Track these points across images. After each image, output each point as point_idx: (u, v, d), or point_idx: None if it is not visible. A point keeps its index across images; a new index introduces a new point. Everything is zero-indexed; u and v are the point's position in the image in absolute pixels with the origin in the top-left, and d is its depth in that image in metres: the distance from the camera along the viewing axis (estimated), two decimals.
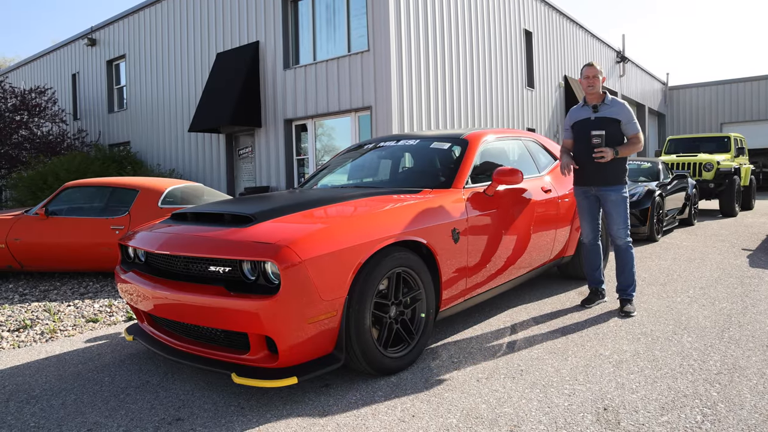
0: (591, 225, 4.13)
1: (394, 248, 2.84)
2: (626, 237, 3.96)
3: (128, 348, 3.51)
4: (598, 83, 3.93)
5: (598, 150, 3.79)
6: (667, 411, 2.39)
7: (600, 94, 3.98)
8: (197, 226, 2.94)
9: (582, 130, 4.00)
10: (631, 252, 3.98)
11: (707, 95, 25.62)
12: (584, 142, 3.96)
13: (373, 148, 4.60)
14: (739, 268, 5.49)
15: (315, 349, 2.56)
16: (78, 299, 4.98)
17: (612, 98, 3.98)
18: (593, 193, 4.03)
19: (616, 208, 3.93)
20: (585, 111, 4.03)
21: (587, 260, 4.22)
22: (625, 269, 3.99)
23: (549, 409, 2.44)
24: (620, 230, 3.96)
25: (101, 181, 6.18)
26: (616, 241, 3.98)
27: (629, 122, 3.91)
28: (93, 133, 17.26)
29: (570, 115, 4.16)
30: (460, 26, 11.74)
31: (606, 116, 3.91)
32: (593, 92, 3.95)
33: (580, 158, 4.03)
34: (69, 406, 2.63)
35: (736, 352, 3.09)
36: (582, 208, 4.14)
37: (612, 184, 3.93)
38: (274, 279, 2.49)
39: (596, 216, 4.11)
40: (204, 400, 2.64)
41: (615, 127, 3.89)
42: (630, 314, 3.88)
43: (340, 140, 11.38)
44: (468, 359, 3.09)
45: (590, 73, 3.95)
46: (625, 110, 3.93)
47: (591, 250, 4.19)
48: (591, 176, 3.98)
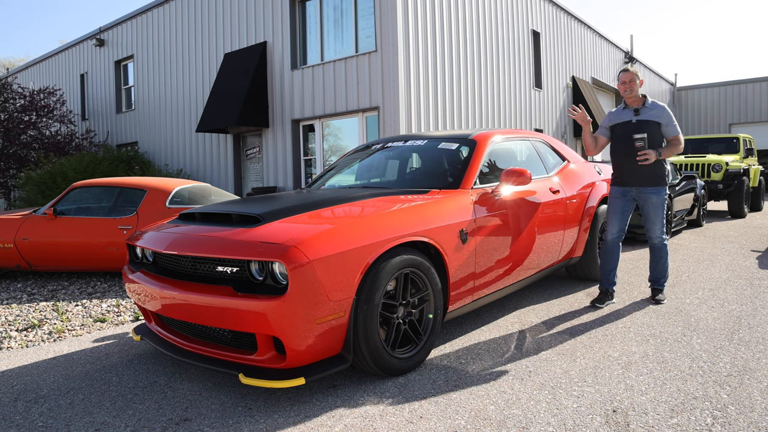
0: (620, 224, 4.17)
1: (402, 249, 2.83)
2: (663, 236, 4.13)
3: (136, 348, 3.52)
4: (636, 87, 4.03)
5: (642, 153, 3.88)
6: (677, 413, 2.37)
7: (640, 97, 4.08)
8: (205, 226, 2.94)
9: (623, 133, 4.10)
10: (666, 249, 4.19)
11: (716, 96, 25.45)
12: (626, 145, 4.05)
13: (380, 148, 4.59)
14: (749, 270, 5.44)
15: (323, 349, 2.56)
16: (86, 299, 5.01)
17: (653, 101, 4.08)
18: (632, 195, 4.12)
19: (656, 209, 4.06)
20: (626, 114, 4.12)
21: (605, 260, 4.23)
22: (659, 263, 4.19)
23: (557, 410, 2.42)
24: (658, 230, 4.11)
25: (109, 181, 6.21)
26: (654, 240, 4.14)
27: (669, 124, 4.01)
28: (101, 133, 17.37)
29: (610, 116, 4.25)
30: (467, 27, 11.71)
31: (647, 119, 4.01)
32: (631, 96, 4.05)
33: (620, 160, 4.13)
34: (77, 405, 2.64)
35: (746, 354, 3.06)
36: (615, 206, 4.17)
37: (654, 185, 4.03)
38: (281, 279, 2.49)
39: (627, 216, 4.16)
40: (211, 400, 2.64)
41: (655, 130, 3.99)
42: (660, 302, 4.17)
43: (347, 140, 11.38)
44: (476, 360, 3.08)
45: (626, 78, 4.06)
46: (666, 113, 4.02)
47: (612, 250, 4.21)
48: (633, 177, 4.07)
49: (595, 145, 4.25)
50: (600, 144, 4.26)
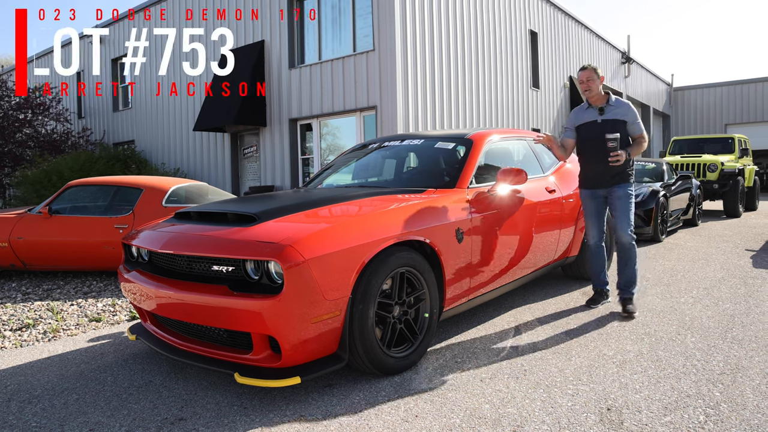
0: (597, 226, 4.08)
1: (397, 248, 2.83)
2: (630, 233, 3.88)
3: (131, 347, 3.52)
4: (595, 85, 3.88)
5: (615, 154, 3.72)
6: (671, 411, 2.38)
7: (603, 95, 3.94)
8: (201, 226, 2.94)
9: (589, 133, 3.96)
10: (634, 249, 3.92)
11: (712, 96, 25.52)
12: (594, 145, 3.91)
13: (377, 147, 4.59)
14: (743, 269, 5.46)
15: (318, 348, 2.56)
16: (81, 298, 5.00)
17: (616, 99, 3.94)
18: (602, 194, 4.01)
19: (622, 203, 3.88)
20: (590, 113, 3.98)
21: (592, 262, 4.19)
22: (628, 265, 3.93)
23: (552, 409, 2.43)
24: (626, 226, 3.88)
25: (105, 179, 6.19)
26: (620, 237, 3.90)
27: (634, 122, 3.89)
28: (98, 131, 17.31)
29: (573, 116, 4.11)
30: (465, 26, 11.72)
31: (613, 118, 3.88)
32: (592, 95, 3.92)
33: (588, 161, 4.01)
34: (71, 405, 2.63)
35: (739, 352, 3.07)
36: (588, 209, 4.10)
37: (620, 182, 3.91)
38: (277, 278, 2.49)
39: (602, 217, 4.08)
40: (207, 399, 2.64)
41: (623, 128, 3.87)
42: (632, 315, 3.81)
43: (345, 140, 11.38)
44: (471, 359, 3.08)
45: (584, 76, 3.90)
46: (631, 111, 3.91)
47: (596, 252, 4.14)
48: (601, 179, 3.95)
49: (564, 151, 4.14)
50: (569, 148, 4.16)
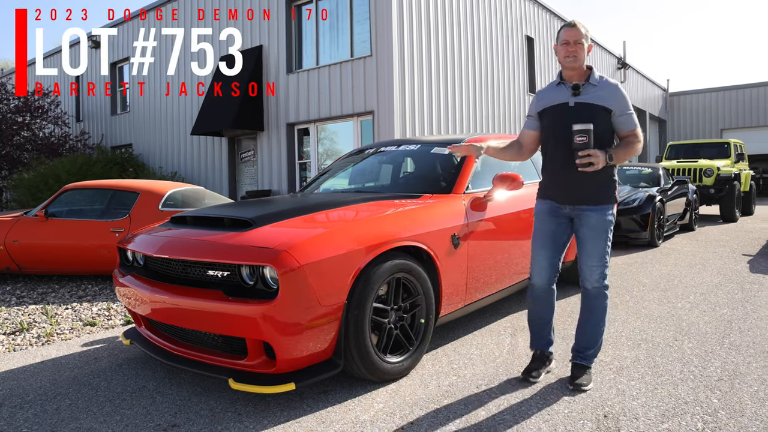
0: (550, 259, 2.80)
1: (393, 253, 2.82)
2: (601, 279, 2.70)
3: (125, 352, 3.49)
4: (582, 52, 2.65)
5: (584, 153, 2.54)
6: (668, 418, 2.37)
7: (584, 69, 2.71)
8: (196, 230, 2.93)
9: (556, 121, 2.72)
10: (605, 301, 2.75)
11: (707, 101, 25.63)
12: (559, 139, 2.70)
13: (374, 152, 4.59)
14: (740, 274, 5.46)
15: (313, 354, 2.54)
16: (76, 302, 4.97)
17: (601, 77, 2.70)
18: (566, 213, 2.77)
19: (595, 236, 2.68)
20: (561, 92, 2.72)
21: (534, 311, 2.91)
22: (590, 321, 2.77)
23: (549, 416, 2.42)
24: (594, 268, 2.69)
25: (101, 183, 6.17)
26: (585, 282, 2.74)
27: (624, 113, 2.67)
28: (95, 135, 17.27)
29: (538, 98, 2.85)
30: (462, 32, 11.75)
31: (591, 102, 2.64)
32: (574, 66, 2.67)
33: (552, 161, 2.79)
34: (63, 411, 2.61)
35: (736, 358, 3.07)
36: (543, 233, 2.82)
37: (596, 202, 2.68)
38: (272, 284, 2.48)
39: (561, 247, 2.81)
40: (201, 405, 2.62)
41: (605, 119, 2.64)
42: (582, 388, 2.67)
43: (342, 144, 11.38)
44: (468, 365, 3.07)
45: (570, 36, 2.64)
46: (620, 95, 2.67)
47: (542, 297, 2.86)
48: (567, 190, 2.72)
49: (519, 149, 2.97)
50: (526, 142, 2.93)
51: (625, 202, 7.59)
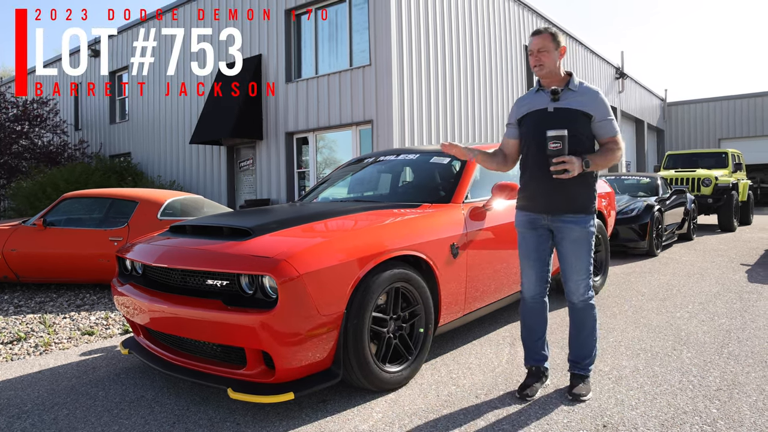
0: (538, 272, 2.80)
1: (393, 263, 2.83)
2: (587, 292, 2.71)
3: (124, 362, 3.48)
4: (550, 60, 2.65)
5: (558, 160, 2.52)
6: (667, 428, 2.36)
7: (561, 75, 2.70)
8: (195, 239, 2.93)
9: (534, 127, 2.70)
10: (594, 312, 2.75)
11: (705, 111, 25.77)
12: (536, 146, 2.68)
13: (373, 161, 4.60)
14: (738, 283, 5.47)
15: (312, 364, 2.54)
16: (74, 311, 4.95)
17: (581, 82, 2.71)
18: (545, 224, 2.74)
19: (577, 248, 2.67)
20: (540, 98, 2.73)
21: (527, 325, 2.87)
22: (582, 333, 2.76)
23: (548, 426, 2.41)
24: (579, 282, 2.69)
25: (100, 192, 6.18)
26: (572, 297, 2.74)
27: (604, 119, 2.65)
28: (94, 143, 17.29)
29: (518, 105, 2.84)
30: (461, 42, 11.83)
31: (570, 107, 2.64)
32: (544, 73, 2.68)
33: (530, 169, 2.76)
34: (61, 421, 2.60)
35: (735, 368, 3.07)
36: (526, 246, 2.81)
37: (575, 212, 2.65)
38: (271, 293, 2.48)
39: (546, 258, 2.80)
40: (199, 415, 2.61)
41: (583, 125, 2.63)
42: (580, 398, 2.68)
43: (341, 153, 11.41)
44: (467, 375, 3.07)
45: (534, 45, 2.66)
46: (599, 101, 2.66)
47: (534, 309, 2.84)
48: (544, 199, 2.69)
49: (504, 158, 2.90)
50: (509, 151, 2.90)
51: (624, 211, 7.61)
